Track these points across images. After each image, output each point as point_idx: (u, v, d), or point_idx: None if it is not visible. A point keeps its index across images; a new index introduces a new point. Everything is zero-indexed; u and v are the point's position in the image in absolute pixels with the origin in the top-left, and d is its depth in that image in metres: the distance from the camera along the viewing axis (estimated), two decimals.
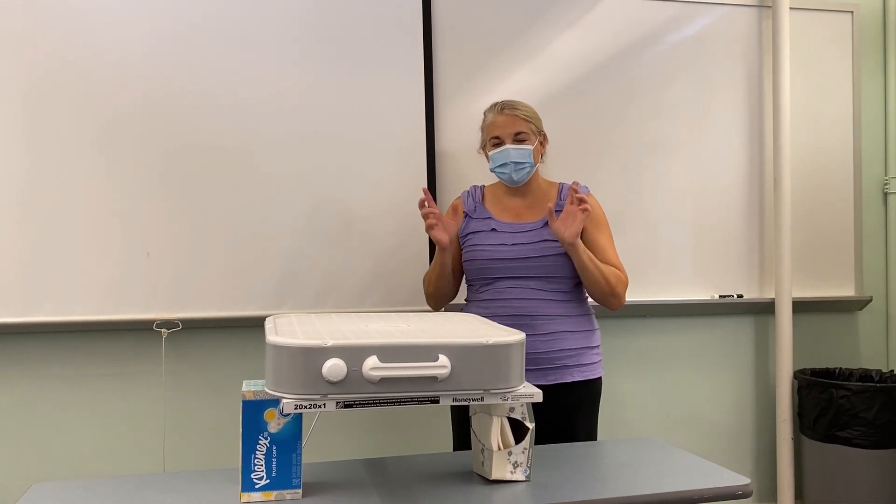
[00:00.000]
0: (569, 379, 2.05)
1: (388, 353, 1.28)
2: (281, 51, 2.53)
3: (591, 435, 2.12)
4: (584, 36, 2.81)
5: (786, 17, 2.93)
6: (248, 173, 2.50)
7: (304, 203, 2.54)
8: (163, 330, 2.44)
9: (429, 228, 2.02)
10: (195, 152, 2.47)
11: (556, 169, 2.36)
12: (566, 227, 1.94)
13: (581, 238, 2.06)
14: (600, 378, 2.13)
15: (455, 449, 2.19)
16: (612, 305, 2.07)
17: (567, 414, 2.05)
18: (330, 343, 1.26)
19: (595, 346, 2.12)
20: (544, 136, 2.16)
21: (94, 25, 2.39)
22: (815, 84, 3.05)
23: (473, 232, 2.13)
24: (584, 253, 1.98)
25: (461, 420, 2.16)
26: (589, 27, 2.81)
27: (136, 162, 2.43)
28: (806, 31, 3.03)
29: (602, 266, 2.02)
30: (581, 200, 1.92)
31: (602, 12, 2.82)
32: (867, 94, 3.15)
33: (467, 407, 2.03)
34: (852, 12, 3.07)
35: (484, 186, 2.24)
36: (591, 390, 2.11)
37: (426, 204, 2.02)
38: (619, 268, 2.09)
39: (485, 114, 2.17)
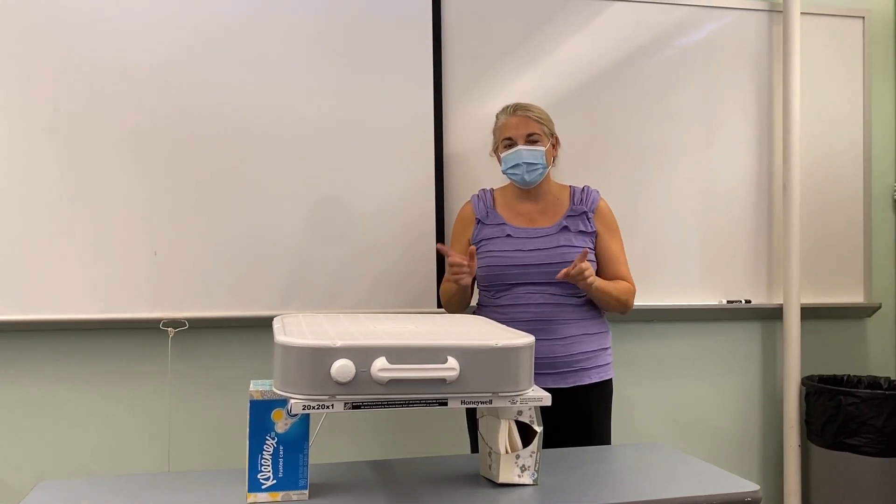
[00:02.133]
0: (586, 381, 2.08)
1: (397, 354, 1.27)
2: (292, 56, 2.53)
3: (606, 434, 2.14)
4: (593, 40, 2.81)
5: (796, 21, 2.91)
6: (256, 174, 2.50)
7: (312, 204, 2.54)
8: (169, 329, 2.44)
9: (455, 276, 1.99)
10: (203, 152, 2.47)
11: (565, 173, 2.35)
12: (579, 284, 1.95)
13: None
14: (612, 379, 2.16)
15: (473, 451, 2.19)
16: (623, 313, 2.15)
17: (585, 415, 2.08)
18: (339, 343, 1.25)
19: (607, 348, 2.16)
20: (556, 138, 2.17)
21: (111, 34, 2.40)
22: (825, 89, 3.03)
23: (488, 238, 2.13)
24: (598, 291, 2.02)
25: (476, 423, 2.16)
26: (597, 31, 2.81)
27: (144, 161, 2.43)
28: (816, 36, 3.02)
29: (613, 290, 2.06)
30: (584, 274, 1.90)
31: (610, 16, 2.82)
32: (878, 99, 3.13)
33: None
34: (863, 18, 3.06)
35: (493, 190, 2.24)
36: (605, 391, 2.14)
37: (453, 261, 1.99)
38: (627, 278, 2.13)
39: (497, 116, 2.18)
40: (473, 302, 2.23)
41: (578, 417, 2.07)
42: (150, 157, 2.43)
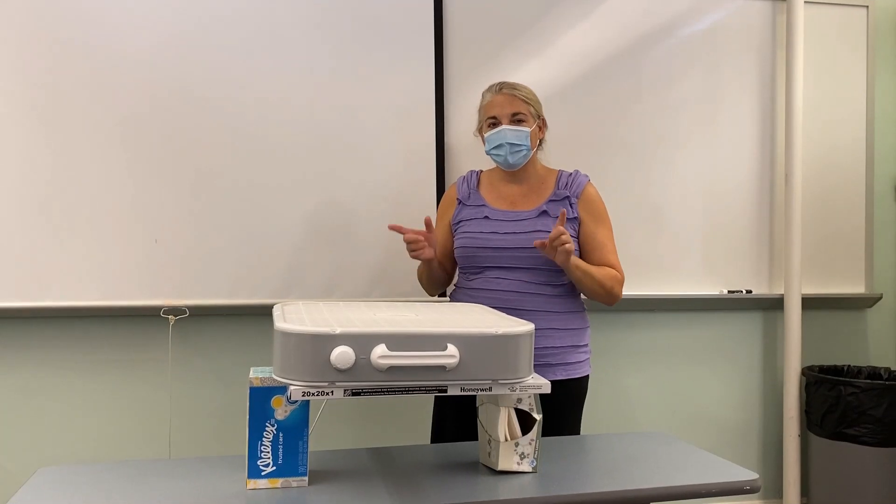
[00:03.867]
0: (550, 377, 1.97)
1: (397, 341, 1.27)
2: (291, 44, 2.52)
3: (572, 433, 2.04)
4: (596, 29, 2.79)
5: (800, 11, 2.90)
6: (257, 163, 2.50)
7: (312, 192, 2.54)
8: (170, 317, 2.44)
9: (415, 253, 1.98)
10: (204, 140, 2.46)
11: (567, 163, 2.34)
12: (556, 255, 1.85)
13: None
14: (587, 377, 2.06)
15: (433, 441, 2.13)
16: (609, 303, 2.03)
17: (550, 414, 1.97)
18: (338, 330, 1.25)
19: (583, 345, 2.05)
20: (543, 120, 2.10)
21: (111, 23, 2.39)
22: (828, 79, 3.02)
23: (466, 219, 2.08)
24: (577, 269, 1.92)
25: (442, 415, 2.11)
26: (600, 20, 2.79)
27: (146, 150, 2.42)
28: (820, 25, 3.01)
29: (596, 273, 1.96)
30: (561, 239, 1.81)
31: (613, 5, 2.80)
32: (881, 90, 3.12)
33: (454, 398, 2.01)
34: (867, 7, 3.05)
35: (480, 172, 2.18)
36: (575, 389, 2.04)
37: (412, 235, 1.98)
38: (614, 265, 2.02)
39: (483, 94, 2.11)
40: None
41: (543, 416, 1.97)
42: (150, 145, 2.43)
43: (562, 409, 2.01)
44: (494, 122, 2.03)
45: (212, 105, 2.46)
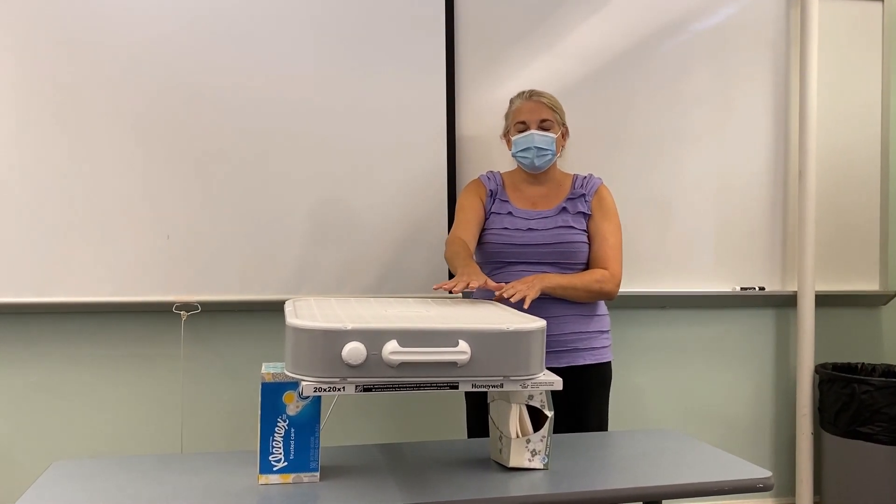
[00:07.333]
0: (580, 362, 2.08)
1: (408, 337, 1.27)
2: (303, 42, 2.52)
3: (602, 418, 2.14)
4: (607, 24, 2.78)
5: (814, 6, 2.87)
6: (268, 160, 2.50)
7: (324, 189, 2.54)
8: (182, 312, 2.45)
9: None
10: (217, 137, 2.47)
11: (577, 160, 2.34)
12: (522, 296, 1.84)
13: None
14: (610, 362, 2.16)
15: (469, 436, 2.20)
16: (607, 299, 2.13)
17: (580, 396, 2.08)
18: (350, 326, 1.25)
19: (605, 331, 2.15)
20: (566, 128, 2.19)
21: (120, 19, 2.40)
22: (842, 75, 2.99)
23: (492, 213, 2.15)
24: (558, 289, 1.99)
25: (476, 406, 2.16)
26: (611, 15, 2.78)
27: (159, 147, 2.43)
28: (834, 20, 2.98)
29: (578, 282, 2.02)
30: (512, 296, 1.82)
31: (625, 1, 2.78)
32: None
33: (483, 394, 2.03)
34: (883, 2, 3.01)
35: (501, 173, 2.25)
36: (602, 374, 2.14)
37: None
38: (607, 261, 2.07)
39: (511, 101, 2.20)
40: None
41: (573, 399, 2.06)
42: (162, 142, 2.43)
43: (590, 394, 2.12)
44: (523, 127, 2.13)
45: (223, 103, 2.47)
